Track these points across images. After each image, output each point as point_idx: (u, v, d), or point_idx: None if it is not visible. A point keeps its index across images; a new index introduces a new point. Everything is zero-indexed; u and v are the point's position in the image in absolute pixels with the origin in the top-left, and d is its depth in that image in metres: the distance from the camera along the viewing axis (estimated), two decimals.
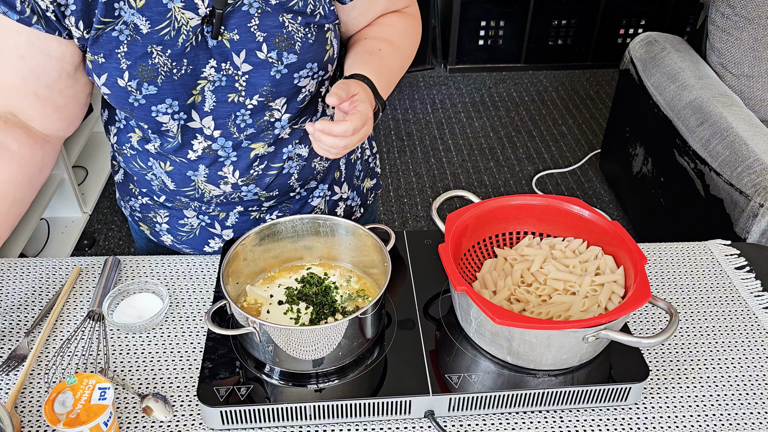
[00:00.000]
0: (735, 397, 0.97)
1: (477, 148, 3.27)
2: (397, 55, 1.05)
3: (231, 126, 0.99)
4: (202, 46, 0.92)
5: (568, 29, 3.77)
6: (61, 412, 0.81)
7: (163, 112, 0.95)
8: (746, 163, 1.91)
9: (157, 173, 1.07)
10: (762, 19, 2.23)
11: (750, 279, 1.17)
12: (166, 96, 0.93)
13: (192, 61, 0.92)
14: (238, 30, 0.91)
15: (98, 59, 0.91)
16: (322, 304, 0.98)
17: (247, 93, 0.96)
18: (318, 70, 0.98)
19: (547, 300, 0.97)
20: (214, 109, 0.97)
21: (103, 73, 0.92)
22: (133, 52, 0.90)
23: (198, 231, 1.16)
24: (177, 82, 0.93)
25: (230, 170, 1.03)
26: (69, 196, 2.57)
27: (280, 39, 0.92)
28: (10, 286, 1.12)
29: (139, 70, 0.90)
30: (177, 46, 0.90)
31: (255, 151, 1.02)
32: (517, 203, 1.05)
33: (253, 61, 0.93)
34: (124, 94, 0.93)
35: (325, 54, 0.97)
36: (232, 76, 0.94)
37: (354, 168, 1.23)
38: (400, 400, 0.90)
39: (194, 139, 1.00)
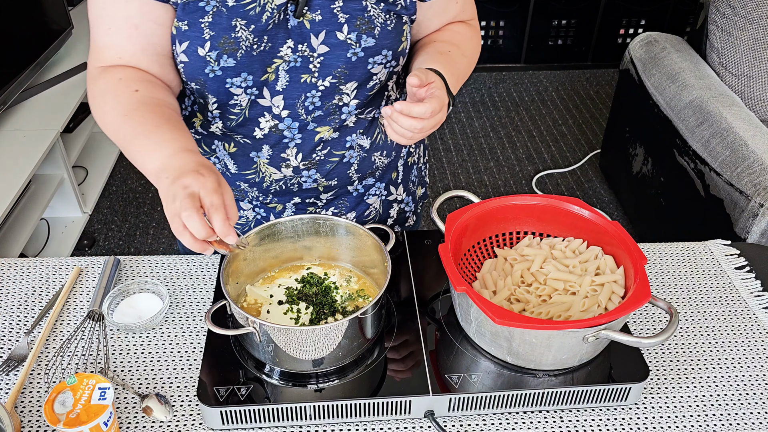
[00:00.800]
0: (735, 397, 0.97)
1: (477, 148, 3.27)
2: (464, 59, 1.08)
3: (299, 107, 1.00)
4: (282, 25, 0.94)
5: (568, 29, 3.77)
6: (61, 412, 0.81)
7: (237, 86, 0.97)
8: (746, 163, 1.91)
9: (221, 155, 1.09)
10: (762, 19, 2.23)
11: (750, 279, 1.17)
12: (242, 70, 0.95)
13: (272, 39, 0.94)
14: (322, 11, 0.94)
15: (182, 26, 0.93)
16: (322, 304, 0.98)
17: (321, 74, 0.98)
18: (391, 59, 1.00)
19: (547, 300, 0.97)
20: (285, 88, 0.99)
21: (184, 40, 0.93)
22: (217, 24, 0.92)
23: (253, 224, 1.17)
24: (255, 58, 0.95)
25: (293, 152, 1.05)
26: (69, 196, 2.58)
27: (361, 22, 0.95)
28: (10, 286, 1.12)
29: (221, 42, 0.92)
30: (261, 23, 0.93)
31: (320, 135, 1.04)
32: (517, 203, 1.05)
33: (331, 41, 0.95)
34: (202, 64, 0.94)
35: (399, 45, 1.00)
36: (308, 58, 0.96)
37: (410, 172, 1.25)
38: (400, 400, 0.90)
39: (261, 116, 1.01)
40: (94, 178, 2.84)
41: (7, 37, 2.37)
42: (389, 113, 0.89)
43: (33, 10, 2.51)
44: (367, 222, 1.21)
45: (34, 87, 2.54)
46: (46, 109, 2.46)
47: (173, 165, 0.83)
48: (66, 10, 2.71)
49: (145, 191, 2.93)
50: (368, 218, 1.21)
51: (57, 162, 2.45)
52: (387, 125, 0.92)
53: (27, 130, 2.34)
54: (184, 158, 0.84)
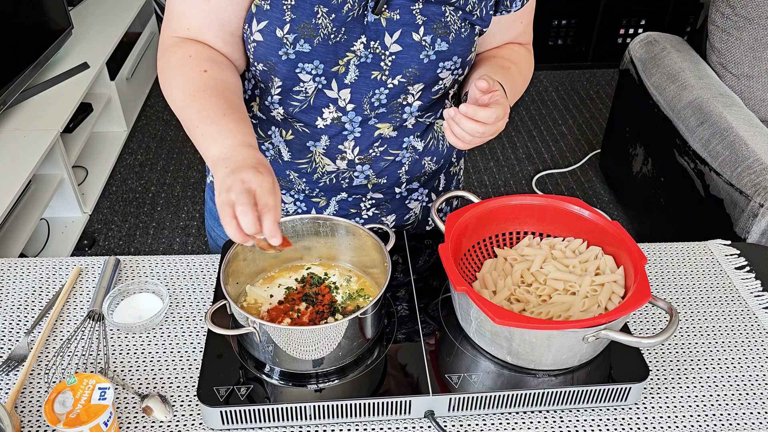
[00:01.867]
0: (735, 397, 0.97)
1: (477, 148, 3.27)
2: (520, 77, 1.10)
3: (365, 102, 1.01)
4: (359, 19, 0.95)
5: (568, 29, 3.77)
6: (61, 412, 0.81)
7: (307, 72, 0.97)
8: (746, 163, 1.91)
9: (275, 142, 1.09)
10: (762, 19, 2.23)
11: (750, 279, 1.17)
12: (316, 57, 0.96)
13: (348, 31, 0.95)
14: (401, 10, 0.95)
15: (264, 5, 0.93)
16: (322, 304, 0.98)
17: (391, 73, 0.99)
18: (459, 67, 1.01)
19: (547, 300, 0.97)
20: (354, 83, 0.99)
21: (264, 19, 0.94)
22: (299, 7, 0.92)
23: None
24: (330, 47, 0.95)
25: (350, 145, 1.06)
26: (69, 196, 2.58)
27: (438, 26, 0.96)
28: (10, 286, 1.12)
29: (301, 26, 0.93)
30: (341, 13, 0.93)
31: (379, 131, 1.05)
32: (517, 203, 1.05)
33: (405, 42, 0.96)
34: (277, 45, 0.94)
35: (469, 54, 1.01)
36: (379, 55, 0.97)
37: (452, 182, 1.26)
38: (400, 400, 0.90)
39: (326, 107, 1.02)
40: (94, 178, 2.84)
41: (7, 37, 2.37)
42: (453, 114, 0.90)
43: (33, 10, 2.51)
44: (407, 227, 1.21)
45: (34, 87, 2.54)
46: (46, 109, 2.46)
47: (234, 157, 0.84)
48: (66, 10, 2.71)
49: (145, 191, 2.93)
50: (408, 223, 1.21)
51: (57, 162, 2.45)
52: (447, 127, 0.92)
53: (27, 130, 2.34)
54: (245, 153, 0.85)
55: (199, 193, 2.92)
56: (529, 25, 1.13)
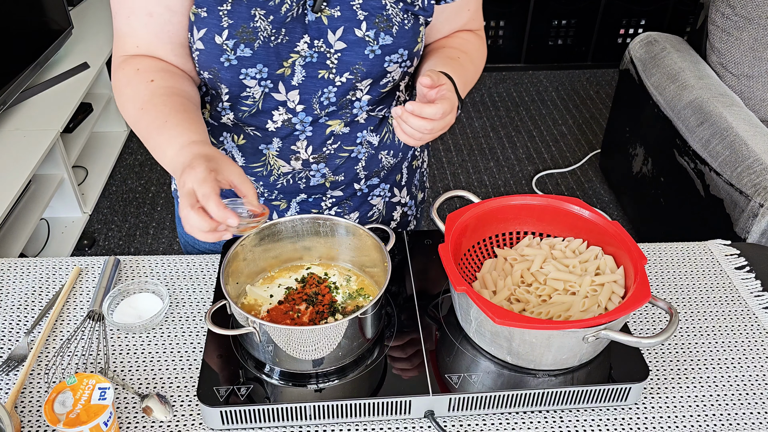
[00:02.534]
0: (735, 397, 0.97)
1: (477, 148, 3.27)
2: (472, 66, 1.09)
3: (314, 102, 1.01)
4: (300, 19, 0.95)
5: (568, 29, 3.77)
6: (61, 412, 0.81)
7: (252, 77, 0.97)
8: (746, 163, 1.91)
9: (228, 148, 1.08)
10: (762, 19, 2.23)
11: (750, 279, 1.17)
12: (258, 61, 0.95)
13: (289, 32, 0.95)
14: (341, 6, 0.94)
15: (201, 12, 0.93)
16: (322, 304, 0.98)
17: (338, 71, 0.98)
18: (406, 59, 1.01)
19: (547, 300, 0.97)
20: (302, 83, 0.99)
21: (202, 27, 0.93)
22: (236, 12, 0.92)
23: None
24: (272, 50, 0.95)
25: (303, 145, 1.05)
26: (69, 196, 2.58)
27: (380, 20, 0.96)
28: (10, 286, 1.12)
29: (239, 31, 0.92)
30: (279, 14, 0.93)
31: (331, 128, 1.05)
32: (517, 203, 1.05)
33: (349, 38, 0.96)
34: (218, 52, 0.94)
35: (415, 45, 1.01)
36: (324, 54, 0.97)
37: (414, 176, 1.25)
38: (400, 400, 0.90)
39: (275, 110, 1.02)
40: (94, 178, 2.84)
41: (7, 37, 2.37)
42: (399, 113, 0.90)
43: (33, 10, 2.51)
44: (370, 224, 1.21)
45: (34, 87, 2.54)
46: (46, 109, 2.46)
47: (177, 165, 0.84)
48: (66, 10, 2.71)
49: (145, 191, 2.94)
50: (371, 219, 1.21)
51: (57, 162, 2.45)
52: (396, 125, 0.92)
53: (27, 130, 2.34)
54: (184, 155, 0.84)
55: None
56: (477, 11, 1.12)
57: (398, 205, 1.23)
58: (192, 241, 1.27)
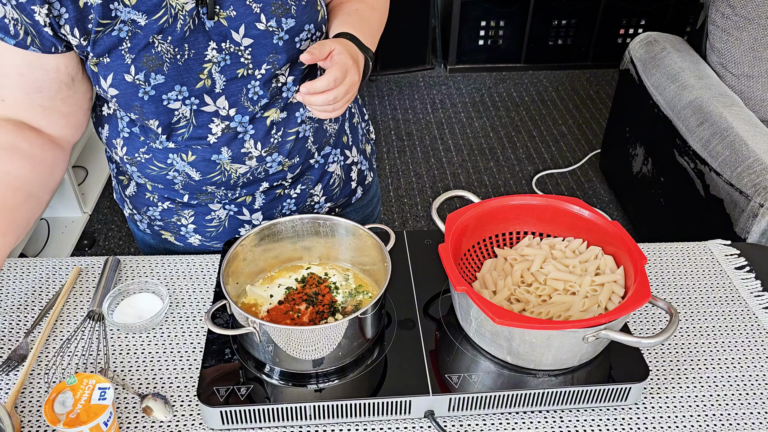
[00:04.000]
0: (735, 397, 0.97)
1: (477, 148, 3.27)
2: (374, 12, 1.11)
3: (244, 100, 1.01)
4: (200, 29, 0.94)
5: (568, 29, 3.77)
6: (61, 412, 0.81)
7: (174, 99, 0.97)
8: (746, 163, 1.91)
9: (180, 168, 1.07)
10: (762, 19, 2.23)
11: (750, 279, 1.17)
12: (174, 83, 0.95)
13: (193, 45, 0.95)
14: (234, 6, 0.94)
15: (103, 60, 0.93)
16: (323, 304, 0.98)
17: (255, 65, 0.98)
18: (315, 32, 1.02)
19: (547, 300, 0.97)
20: (225, 88, 0.99)
21: (108, 73, 0.94)
22: (135, 46, 0.92)
23: (227, 222, 1.17)
24: (182, 68, 0.95)
25: (251, 144, 1.05)
26: (69, 196, 2.58)
27: (276, 6, 0.96)
28: (10, 286, 1.12)
29: (144, 62, 0.93)
30: (176, 32, 0.93)
31: (270, 118, 1.05)
32: (517, 203, 1.05)
33: (253, 33, 0.96)
34: (133, 89, 0.95)
35: (317, 15, 1.01)
36: (236, 53, 0.97)
37: (357, 132, 1.27)
38: (400, 400, 0.90)
39: (211, 122, 1.01)
40: (94, 178, 2.84)
41: None
42: (301, 99, 0.93)
43: None
44: (334, 191, 1.22)
45: None
46: None
47: None
48: None
49: None
50: (334, 187, 1.22)
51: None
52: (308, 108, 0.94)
53: None
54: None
55: None
56: None
57: (353, 165, 1.25)
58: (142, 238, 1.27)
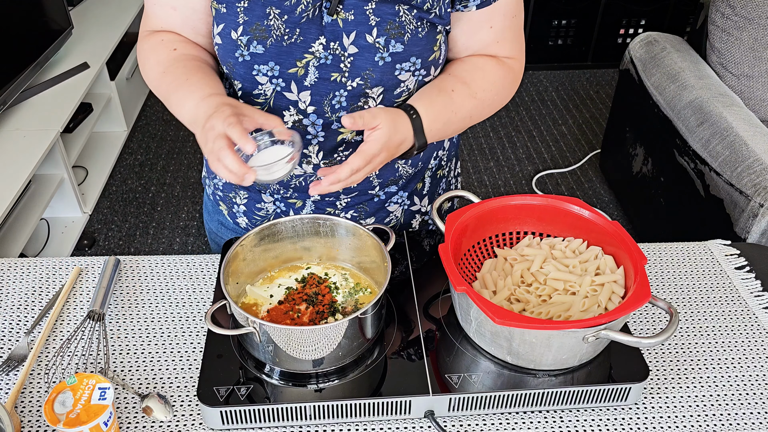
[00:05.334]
0: (735, 397, 0.97)
1: (477, 148, 3.27)
2: (471, 100, 1.02)
3: (326, 105, 1.00)
4: (316, 21, 0.95)
5: (568, 29, 3.77)
6: (61, 412, 0.81)
7: (263, 74, 0.98)
8: (746, 163, 1.91)
9: None
10: (762, 19, 2.23)
11: (750, 279, 1.17)
12: (270, 59, 0.96)
13: (304, 32, 0.95)
14: (354, 11, 0.94)
15: (221, 8, 0.96)
16: (323, 304, 0.98)
17: (350, 75, 0.98)
18: (420, 68, 0.99)
19: (547, 300, 0.97)
20: (314, 85, 0.99)
21: (221, 22, 0.96)
22: (251, 9, 0.94)
23: (273, 216, 1.17)
24: (284, 49, 0.96)
25: (315, 149, 1.05)
26: (69, 196, 2.58)
27: (392, 26, 0.94)
28: (10, 286, 1.12)
29: (253, 28, 0.94)
30: (294, 14, 0.94)
31: (342, 135, 1.04)
32: (517, 203, 1.05)
33: (360, 43, 0.95)
34: (233, 47, 0.96)
35: (431, 54, 0.98)
36: (339, 57, 0.97)
37: (438, 185, 1.23)
38: (400, 400, 0.90)
39: (286, 110, 1.01)
40: (94, 178, 2.84)
41: (7, 37, 2.37)
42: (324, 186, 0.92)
43: (33, 10, 2.51)
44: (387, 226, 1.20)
45: (34, 87, 2.54)
46: (46, 109, 2.46)
47: (200, 113, 0.90)
48: (66, 10, 2.71)
49: (145, 191, 2.94)
50: (389, 225, 1.19)
51: (57, 162, 2.45)
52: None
53: (27, 130, 2.34)
54: (208, 104, 0.90)
55: (199, 193, 2.92)
56: (505, 32, 1.03)
57: (417, 213, 1.21)
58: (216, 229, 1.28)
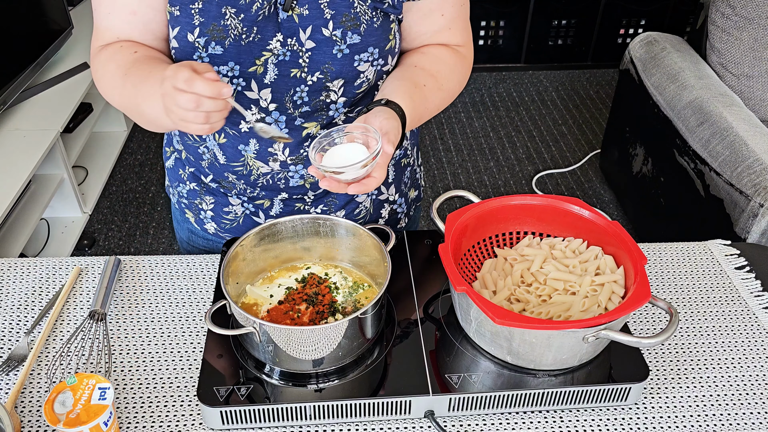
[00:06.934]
0: (735, 397, 0.97)
1: (477, 148, 3.27)
2: (439, 93, 1.05)
3: (288, 101, 1.00)
4: (272, 18, 0.95)
5: (568, 29, 3.77)
6: (61, 412, 0.81)
7: (224, 74, 0.97)
8: (746, 163, 1.91)
9: (210, 146, 1.09)
10: (762, 19, 2.23)
11: (750, 279, 1.17)
12: (229, 59, 0.96)
13: (261, 30, 0.95)
14: (309, 5, 0.94)
15: (174, 11, 0.95)
16: (323, 304, 0.98)
17: (309, 70, 0.98)
18: (378, 57, 1.00)
19: (547, 300, 0.97)
20: (274, 82, 0.99)
21: (176, 26, 0.96)
22: (207, 11, 0.93)
23: (242, 219, 1.17)
24: (243, 48, 0.95)
25: (280, 147, 1.05)
26: (69, 196, 2.58)
27: (347, 18, 0.95)
28: (10, 286, 1.12)
29: (210, 29, 0.94)
30: (250, 12, 0.94)
31: (307, 131, 1.04)
32: (517, 203, 1.05)
33: (317, 38, 0.96)
34: (191, 50, 0.96)
35: (387, 43, 1.00)
36: (297, 52, 0.97)
37: (403, 173, 1.23)
38: (400, 400, 0.90)
39: (248, 109, 1.01)
40: (94, 178, 2.84)
41: (7, 37, 2.37)
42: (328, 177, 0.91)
43: (33, 10, 2.51)
44: (358, 221, 1.20)
45: (34, 87, 2.54)
46: (46, 109, 2.46)
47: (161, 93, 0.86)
48: (66, 10, 2.71)
49: (145, 191, 2.94)
50: (359, 217, 1.20)
51: (57, 162, 2.45)
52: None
53: (27, 130, 2.34)
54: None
55: None
56: (456, 21, 1.05)
57: (386, 202, 1.22)
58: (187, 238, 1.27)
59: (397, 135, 0.92)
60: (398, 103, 0.96)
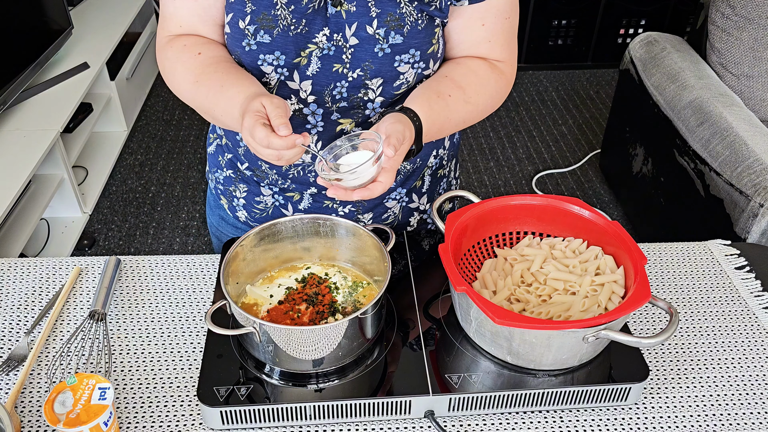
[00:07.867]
0: (735, 397, 0.97)
1: (477, 148, 3.27)
2: (466, 105, 1.02)
3: (327, 95, 1.01)
4: (321, 12, 0.96)
5: (568, 29, 3.77)
6: (61, 412, 0.81)
7: (269, 63, 0.99)
8: (746, 163, 1.91)
9: None
10: (762, 19, 2.23)
11: (750, 279, 1.17)
12: (276, 48, 0.97)
13: (309, 23, 0.96)
14: (357, 2, 0.95)
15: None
16: (323, 304, 0.98)
17: (351, 66, 0.99)
18: (419, 60, 1.00)
19: (547, 300, 0.97)
20: (316, 74, 0.99)
21: (230, 12, 0.98)
22: (260, 0, 0.95)
23: (271, 210, 1.18)
24: (290, 39, 0.97)
25: (314, 139, 1.06)
26: (69, 196, 2.58)
27: (391, 18, 0.96)
28: (10, 286, 1.12)
29: (260, 17, 0.95)
30: (301, 5, 0.95)
31: (341, 126, 1.04)
32: (517, 203, 1.05)
33: (360, 35, 0.96)
34: (240, 36, 0.98)
35: (429, 47, 1.00)
36: (341, 48, 0.98)
37: (439, 184, 1.23)
38: (400, 400, 0.90)
39: (288, 99, 1.02)
40: (94, 178, 2.84)
41: (7, 37, 2.37)
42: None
43: (33, 10, 2.51)
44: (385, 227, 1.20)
45: (34, 87, 2.54)
46: (46, 109, 2.46)
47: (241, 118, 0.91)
48: (66, 10, 2.71)
49: (145, 191, 2.94)
50: (386, 222, 1.19)
51: (57, 162, 2.45)
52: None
53: (27, 130, 2.34)
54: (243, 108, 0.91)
55: (199, 193, 2.92)
56: (496, 33, 1.03)
57: (416, 211, 1.21)
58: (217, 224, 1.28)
59: (401, 139, 0.91)
60: (415, 110, 0.96)
